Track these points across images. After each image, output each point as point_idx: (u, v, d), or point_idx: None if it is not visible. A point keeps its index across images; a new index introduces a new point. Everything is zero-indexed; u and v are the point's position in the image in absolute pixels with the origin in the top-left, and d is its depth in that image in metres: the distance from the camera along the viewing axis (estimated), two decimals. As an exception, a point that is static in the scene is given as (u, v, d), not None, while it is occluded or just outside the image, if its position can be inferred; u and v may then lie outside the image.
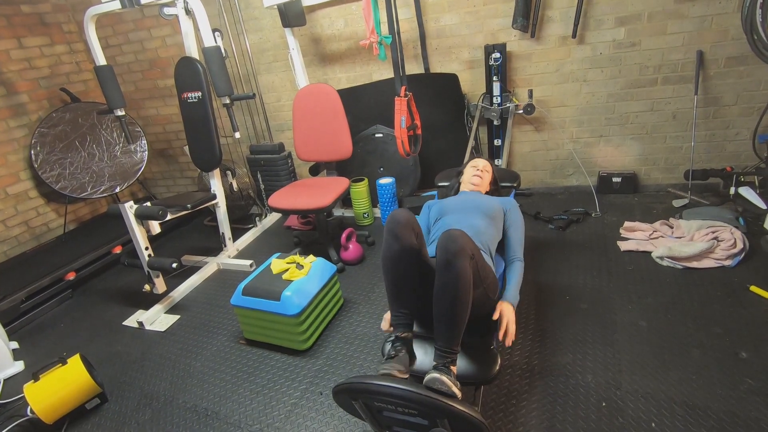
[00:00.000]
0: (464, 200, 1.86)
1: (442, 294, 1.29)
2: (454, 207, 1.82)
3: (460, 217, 1.74)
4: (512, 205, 1.83)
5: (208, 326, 2.38)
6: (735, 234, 2.23)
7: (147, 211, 2.38)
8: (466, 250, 1.29)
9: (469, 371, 1.39)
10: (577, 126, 3.02)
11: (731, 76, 2.62)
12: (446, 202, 1.88)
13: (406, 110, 2.64)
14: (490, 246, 1.66)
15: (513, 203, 1.85)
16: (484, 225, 1.69)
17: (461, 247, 1.28)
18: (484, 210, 1.76)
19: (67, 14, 3.62)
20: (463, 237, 1.31)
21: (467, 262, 1.28)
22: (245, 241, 3.29)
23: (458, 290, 1.27)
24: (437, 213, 1.84)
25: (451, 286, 1.27)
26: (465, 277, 1.27)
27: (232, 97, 2.60)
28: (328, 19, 3.16)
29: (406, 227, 1.38)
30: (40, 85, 3.42)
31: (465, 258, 1.28)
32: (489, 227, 1.70)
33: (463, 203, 1.83)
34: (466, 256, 1.29)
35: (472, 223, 1.68)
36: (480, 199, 1.84)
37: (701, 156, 2.87)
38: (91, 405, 1.92)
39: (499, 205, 1.82)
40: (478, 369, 1.39)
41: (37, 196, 3.41)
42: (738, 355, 1.66)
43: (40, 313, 2.76)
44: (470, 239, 1.36)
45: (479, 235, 1.64)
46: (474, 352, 1.43)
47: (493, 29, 2.88)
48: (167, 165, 4.22)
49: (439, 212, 1.84)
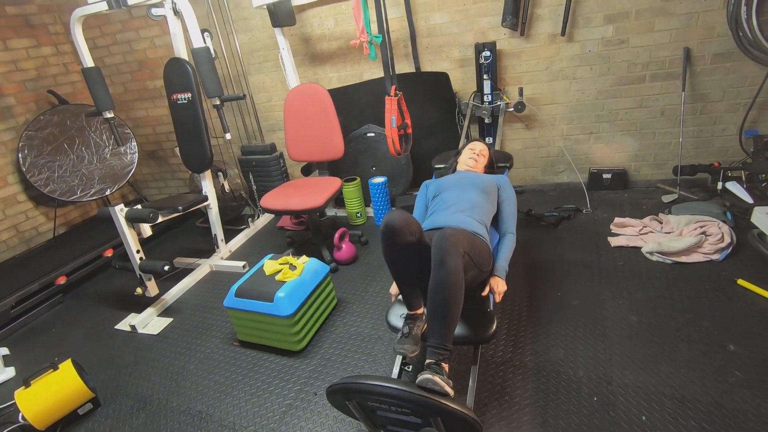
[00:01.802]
0: (461, 178, 1.97)
1: (435, 292, 1.33)
2: (451, 184, 1.93)
3: (457, 193, 1.85)
4: (505, 182, 1.96)
5: (201, 328, 2.37)
6: (722, 228, 2.26)
7: (138, 213, 2.36)
8: (459, 248, 1.34)
9: (468, 332, 1.51)
10: (567, 123, 3.04)
11: (718, 73, 2.65)
12: (443, 180, 2.00)
13: (397, 109, 2.64)
14: (486, 219, 1.78)
15: (506, 180, 1.97)
16: (481, 199, 1.81)
17: (454, 245, 1.33)
18: (479, 185, 1.88)
19: (53, 15, 3.58)
20: (455, 235, 1.35)
21: (459, 260, 1.33)
22: (238, 243, 3.27)
23: (450, 288, 1.31)
24: (435, 190, 1.96)
25: (444, 284, 1.31)
26: (457, 275, 1.31)
27: (222, 98, 2.59)
28: (318, 19, 3.15)
29: (401, 232, 1.42)
30: (26, 88, 3.38)
31: (457, 256, 1.32)
32: (485, 201, 1.82)
33: (459, 180, 1.94)
34: (459, 255, 1.33)
35: (469, 198, 1.81)
36: (475, 176, 1.96)
37: (689, 152, 2.91)
38: (84, 410, 1.90)
39: (493, 181, 1.94)
40: (476, 330, 1.52)
41: (25, 199, 3.37)
42: (726, 348, 1.68)
43: (31, 318, 2.73)
44: (463, 236, 1.39)
45: (476, 208, 1.76)
46: (472, 315, 1.55)
47: (483, 28, 2.89)
48: (158, 167, 4.19)
49: (437, 189, 1.95)
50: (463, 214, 1.73)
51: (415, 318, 1.50)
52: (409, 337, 1.42)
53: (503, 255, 1.72)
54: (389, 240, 1.43)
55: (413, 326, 1.46)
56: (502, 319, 2.02)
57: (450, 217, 1.72)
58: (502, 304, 2.11)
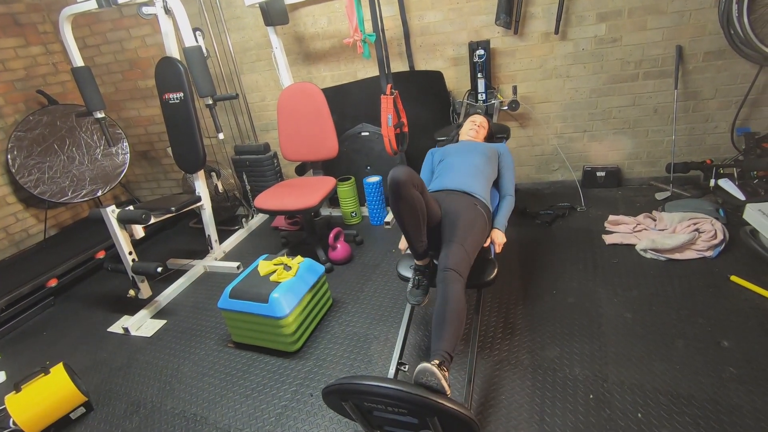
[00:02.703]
0: (464, 145, 2.15)
1: (442, 305, 1.45)
2: (455, 150, 2.10)
3: (462, 158, 2.02)
4: (505, 149, 2.15)
5: (195, 330, 2.34)
6: (715, 225, 2.28)
7: (130, 215, 2.33)
8: (461, 274, 1.52)
9: (472, 277, 1.62)
10: (561, 121, 3.05)
11: (709, 71, 2.67)
12: (448, 147, 2.17)
13: (393, 108, 2.64)
14: (487, 182, 1.96)
15: (505, 148, 2.16)
16: (483, 163, 2.00)
17: (456, 275, 1.50)
18: (481, 151, 2.06)
19: (42, 14, 3.52)
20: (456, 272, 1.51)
21: (462, 288, 1.49)
22: (232, 243, 3.25)
23: (455, 302, 1.44)
24: (441, 155, 2.14)
25: (449, 299, 1.45)
26: (458, 299, 1.45)
27: (214, 98, 2.56)
28: (311, 17, 3.13)
29: (406, 184, 1.49)
30: (15, 88, 3.33)
31: (460, 284, 1.49)
32: (486, 165, 2.00)
33: (463, 147, 2.12)
34: (461, 283, 1.50)
35: (472, 161, 1.99)
36: (478, 144, 2.15)
37: (682, 149, 2.92)
38: (77, 414, 1.88)
39: (494, 149, 2.12)
40: (479, 274, 1.67)
41: (15, 201, 3.32)
42: (720, 344, 1.69)
43: (22, 322, 2.70)
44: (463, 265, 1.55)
45: (478, 171, 1.94)
46: (476, 262, 1.67)
47: (477, 26, 2.89)
48: (150, 167, 4.14)
49: (442, 155, 2.13)
50: (467, 177, 1.91)
51: (424, 269, 1.70)
52: (420, 288, 1.64)
53: (503, 212, 1.94)
54: (396, 192, 1.49)
55: (422, 277, 1.67)
56: (498, 318, 2.02)
57: (456, 180, 1.91)
58: (497, 303, 2.11)
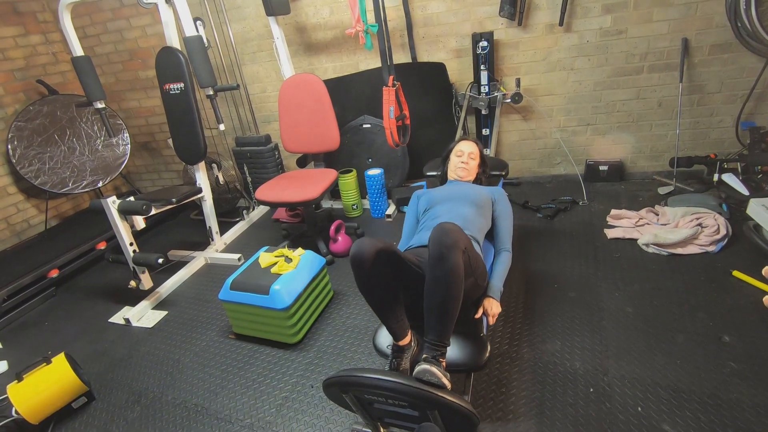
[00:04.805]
0: (452, 190, 1.87)
1: (434, 288, 1.28)
2: (442, 197, 1.84)
3: (449, 207, 1.76)
4: (501, 194, 1.86)
5: (196, 321, 2.35)
6: (718, 220, 2.27)
7: (131, 206, 2.33)
8: (459, 244, 1.28)
9: (459, 359, 1.41)
10: (564, 115, 3.02)
11: (715, 64, 2.64)
12: (434, 192, 1.90)
13: (395, 100, 2.61)
14: (479, 234, 1.69)
15: (501, 193, 1.87)
16: (473, 214, 1.72)
17: (454, 241, 1.26)
18: (472, 199, 1.79)
19: (42, 3, 3.49)
20: (456, 231, 1.30)
21: (460, 256, 1.28)
22: (233, 235, 3.25)
23: (450, 284, 1.26)
24: (426, 203, 1.87)
25: (444, 280, 1.26)
26: (458, 271, 1.26)
27: (215, 88, 2.55)
28: (313, 8, 3.10)
29: (368, 259, 1.31)
30: (15, 77, 3.31)
31: (458, 252, 1.27)
32: (478, 216, 1.73)
33: (451, 193, 1.85)
34: (459, 250, 1.28)
35: (461, 212, 1.71)
36: (469, 189, 1.86)
37: (686, 143, 2.90)
38: (78, 404, 1.89)
39: (487, 194, 1.84)
40: (468, 356, 1.42)
41: (16, 191, 3.31)
42: (721, 339, 1.69)
43: (23, 312, 2.70)
44: (463, 232, 1.35)
45: (468, 223, 1.67)
46: (464, 340, 1.45)
47: (480, 17, 2.85)
48: (151, 158, 4.13)
49: (428, 202, 1.86)
50: None
51: (403, 350, 1.37)
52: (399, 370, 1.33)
53: (498, 274, 1.61)
54: (359, 268, 1.32)
55: (401, 360, 1.35)
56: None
57: None
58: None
